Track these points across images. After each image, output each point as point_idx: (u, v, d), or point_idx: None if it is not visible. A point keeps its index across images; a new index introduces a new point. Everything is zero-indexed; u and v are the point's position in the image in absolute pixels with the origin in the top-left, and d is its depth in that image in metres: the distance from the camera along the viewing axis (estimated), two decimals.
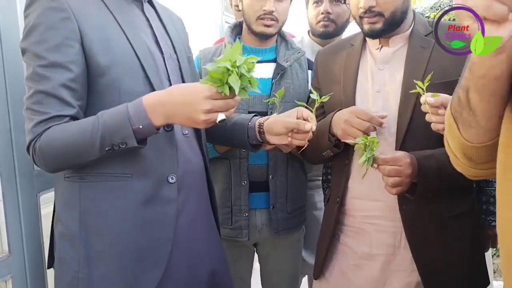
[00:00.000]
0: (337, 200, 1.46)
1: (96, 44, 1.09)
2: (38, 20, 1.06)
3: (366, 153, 1.24)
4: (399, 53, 1.40)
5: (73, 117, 1.08)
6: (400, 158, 1.25)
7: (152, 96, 1.07)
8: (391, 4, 1.31)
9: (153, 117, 1.05)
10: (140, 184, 1.14)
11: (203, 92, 1.02)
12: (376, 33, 1.36)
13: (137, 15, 1.22)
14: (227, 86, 1.00)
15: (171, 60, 1.27)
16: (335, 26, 2.02)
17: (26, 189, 1.33)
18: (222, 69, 0.99)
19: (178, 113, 1.05)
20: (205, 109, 1.02)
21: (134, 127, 1.04)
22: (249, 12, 1.66)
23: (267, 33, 1.67)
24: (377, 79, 1.40)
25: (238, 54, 1.00)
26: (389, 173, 1.24)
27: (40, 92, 1.06)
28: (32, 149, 1.08)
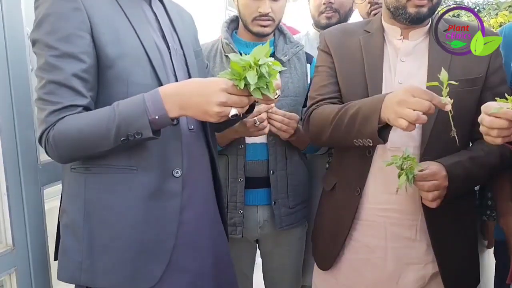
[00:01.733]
0: (357, 191, 1.41)
1: (105, 36, 1.10)
2: (49, 11, 1.07)
3: (405, 171, 1.20)
4: (420, 46, 1.39)
5: (86, 107, 1.09)
6: (437, 172, 1.23)
7: (169, 86, 1.08)
8: None
9: (168, 108, 1.05)
10: (145, 177, 1.15)
11: (220, 84, 1.03)
12: (422, 17, 1.35)
13: (145, 9, 1.23)
14: (244, 82, 1.00)
15: (177, 55, 1.27)
16: (339, 16, 2.00)
17: (30, 183, 1.33)
18: (244, 64, 1.00)
19: (193, 103, 1.05)
20: (219, 101, 1.02)
21: (150, 118, 1.04)
22: (244, 13, 1.66)
23: (264, 33, 1.67)
24: (399, 71, 1.39)
25: (263, 55, 1.01)
26: (429, 189, 1.23)
27: (53, 82, 1.06)
28: (45, 138, 1.08)
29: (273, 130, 1.61)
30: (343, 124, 1.30)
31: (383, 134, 1.24)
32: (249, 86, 1.00)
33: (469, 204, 1.44)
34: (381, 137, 1.23)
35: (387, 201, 1.38)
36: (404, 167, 1.21)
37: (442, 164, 1.26)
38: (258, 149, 1.70)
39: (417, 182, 1.23)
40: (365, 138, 1.26)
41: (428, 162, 1.27)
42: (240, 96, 1.04)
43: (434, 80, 1.28)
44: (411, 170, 1.20)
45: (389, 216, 1.39)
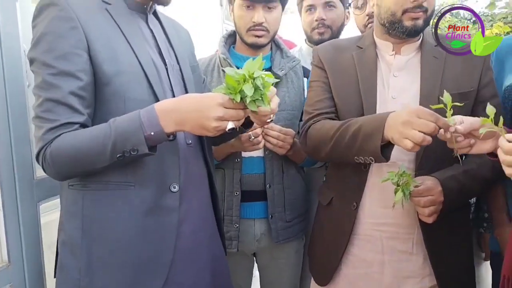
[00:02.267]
0: (353, 206, 1.41)
1: (102, 53, 1.11)
2: (46, 30, 1.08)
3: (402, 188, 1.21)
4: (412, 62, 1.41)
5: (83, 124, 1.09)
6: (432, 188, 1.24)
7: (165, 102, 1.09)
8: (434, 2, 1.35)
9: (164, 124, 1.06)
10: (142, 193, 1.15)
11: (216, 99, 1.04)
12: (418, 29, 1.36)
13: (141, 26, 1.24)
14: (239, 95, 1.01)
15: (174, 71, 1.28)
16: (331, 32, 2.02)
17: (26, 198, 1.33)
18: (239, 77, 1.01)
19: (190, 119, 1.06)
20: (216, 115, 1.03)
21: (146, 134, 1.05)
22: (239, 24, 1.67)
23: (259, 44, 1.68)
24: (392, 86, 1.40)
25: (257, 67, 1.02)
26: (425, 205, 1.24)
27: (50, 100, 1.07)
28: (42, 156, 1.09)
29: (269, 146, 1.62)
30: (344, 140, 1.31)
31: (385, 152, 1.25)
32: (245, 99, 1.01)
33: (464, 216, 1.44)
34: (383, 155, 1.24)
35: (384, 215, 1.38)
36: (400, 183, 1.21)
37: (437, 178, 1.27)
38: (255, 163, 1.71)
39: (413, 198, 1.23)
40: (367, 156, 1.27)
41: (423, 177, 1.27)
42: (237, 110, 1.05)
43: (427, 95, 1.30)
44: (407, 186, 1.21)
45: (386, 230, 1.39)
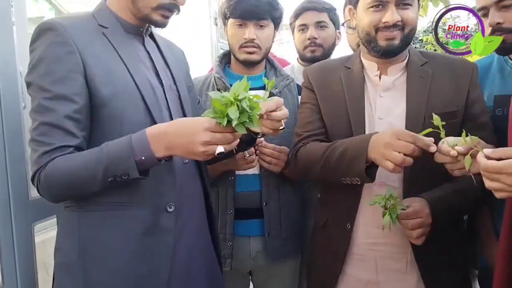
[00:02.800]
0: (348, 226, 1.42)
1: (98, 76, 1.13)
2: (44, 54, 1.10)
3: (389, 211, 1.22)
4: (398, 82, 1.41)
5: (78, 147, 1.11)
6: (420, 210, 1.24)
7: (156, 127, 1.10)
8: (413, 21, 1.35)
9: (155, 148, 1.07)
10: (138, 213, 1.16)
11: (203, 123, 1.04)
12: (393, 49, 1.37)
13: (138, 48, 1.26)
14: (226, 118, 1.02)
15: (171, 91, 1.30)
16: (323, 50, 2.08)
17: (21, 219, 1.33)
18: (225, 100, 1.02)
19: (178, 144, 1.07)
20: (203, 140, 1.04)
21: (136, 159, 1.06)
22: (232, 41, 1.71)
23: (251, 60, 1.70)
24: (379, 106, 1.41)
25: (243, 90, 1.03)
26: (413, 227, 1.24)
27: (45, 123, 1.08)
28: (37, 179, 1.10)
29: (264, 165, 1.63)
30: (331, 163, 1.32)
31: (371, 173, 1.27)
32: (232, 122, 1.01)
33: (457, 234, 1.44)
34: (369, 176, 1.26)
35: (377, 235, 1.38)
36: (388, 206, 1.23)
37: (425, 199, 1.27)
38: (250, 180, 1.71)
39: (401, 220, 1.24)
40: (353, 177, 1.30)
41: (411, 199, 1.28)
42: (224, 133, 1.05)
43: (413, 115, 1.32)
44: (394, 210, 1.22)
45: (379, 249, 1.40)
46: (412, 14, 1.34)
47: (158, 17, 1.21)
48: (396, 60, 1.41)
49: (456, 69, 1.38)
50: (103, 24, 1.20)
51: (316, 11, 2.07)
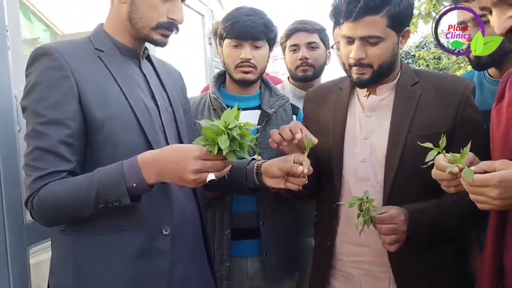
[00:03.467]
0: (327, 243, 1.46)
1: (93, 100, 1.13)
2: (39, 79, 1.11)
3: (363, 214, 1.24)
4: (386, 102, 1.42)
5: (71, 171, 1.11)
6: (395, 216, 1.25)
7: (147, 154, 1.10)
8: (380, 58, 1.33)
9: (146, 175, 1.07)
10: (133, 237, 1.15)
11: (194, 152, 1.05)
12: (364, 83, 1.39)
13: (134, 71, 1.27)
14: (217, 147, 1.02)
15: (167, 113, 1.30)
16: (314, 69, 2.11)
17: (15, 243, 1.32)
18: (215, 129, 1.02)
19: (169, 171, 1.07)
20: (194, 168, 1.04)
21: (128, 185, 1.06)
22: (228, 61, 1.72)
23: (246, 80, 1.72)
24: (364, 126, 1.42)
25: (233, 117, 1.03)
26: (386, 232, 1.25)
27: (39, 148, 1.09)
28: (30, 204, 1.10)
29: None
30: None
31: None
32: (222, 151, 1.02)
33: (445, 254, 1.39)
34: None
35: (359, 253, 1.41)
36: (363, 208, 1.24)
37: (404, 208, 1.28)
38: (247, 200, 1.70)
39: (376, 224, 1.25)
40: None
41: (389, 206, 1.29)
42: (215, 161, 1.06)
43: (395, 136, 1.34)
44: (367, 212, 1.23)
45: (363, 267, 1.42)
46: (380, 51, 1.32)
47: (158, 37, 1.23)
48: (386, 80, 1.42)
49: (447, 90, 1.38)
50: (99, 47, 1.21)
51: (307, 32, 2.11)
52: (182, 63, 2.39)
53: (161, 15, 1.20)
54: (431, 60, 12.66)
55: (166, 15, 1.20)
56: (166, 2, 1.19)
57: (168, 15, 1.20)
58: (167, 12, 1.20)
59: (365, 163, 1.40)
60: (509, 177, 0.96)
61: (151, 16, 1.19)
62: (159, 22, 1.20)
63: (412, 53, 13.13)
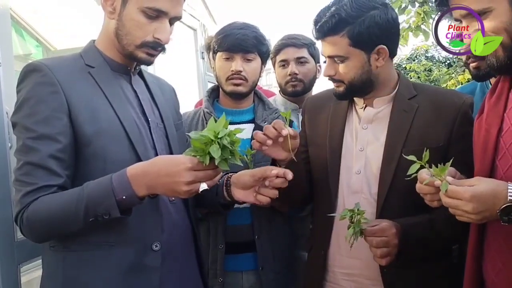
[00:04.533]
0: (320, 254, 1.45)
1: (82, 115, 1.13)
2: (29, 95, 1.11)
3: (354, 225, 1.23)
4: (382, 114, 1.42)
5: (61, 186, 1.10)
6: (386, 229, 1.25)
7: (136, 166, 1.09)
8: (347, 75, 1.37)
9: (136, 188, 1.06)
10: (123, 252, 1.14)
11: (185, 163, 1.04)
12: (340, 96, 1.43)
13: (124, 87, 1.26)
14: (208, 156, 1.02)
15: (158, 128, 1.30)
16: (303, 84, 2.12)
17: (7, 261, 1.31)
18: (205, 139, 1.02)
19: (160, 183, 1.06)
20: (186, 180, 1.04)
21: (117, 198, 1.05)
22: (220, 74, 1.74)
23: (237, 92, 1.72)
24: (360, 138, 1.43)
25: (222, 126, 1.03)
26: (377, 245, 1.25)
27: (29, 163, 1.08)
28: (20, 219, 1.09)
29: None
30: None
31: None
32: (214, 160, 1.02)
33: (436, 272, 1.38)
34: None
35: (351, 265, 1.40)
36: (354, 220, 1.24)
37: (396, 222, 1.27)
38: (241, 213, 1.69)
39: (366, 237, 1.25)
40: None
41: (381, 220, 1.29)
42: (207, 171, 1.06)
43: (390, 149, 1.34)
44: (358, 224, 1.23)
45: (354, 280, 1.41)
46: (346, 69, 1.36)
47: (142, 55, 1.22)
48: (382, 93, 1.43)
49: (444, 105, 1.38)
50: (90, 63, 1.21)
51: (295, 47, 2.11)
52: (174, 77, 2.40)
53: (147, 33, 1.19)
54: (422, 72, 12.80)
55: (152, 34, 1.19)
56: (153, 22, 1.19)
57: (154, 34, 1.20)
58: (154, 32, 1.19)
59: (359, 175, 1.40)
60: (480, 192, 0.99)
61: (136, 34, 1.19)
62: (144, 40, 1.20)
63: (403, 65, 13.26)
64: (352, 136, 1.45)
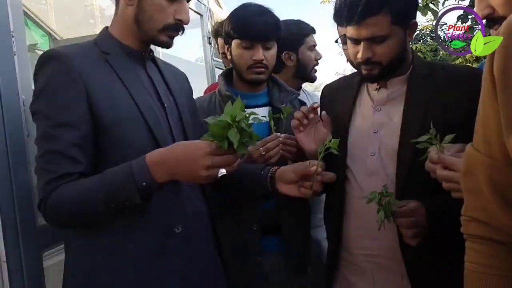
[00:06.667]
0: (339, 237, 1.47)
1: (102, 103, 1.14)
2: (47, 83, 1.12)
3: (383, 207, 1.22)
4: (397, 95, 1.40)
5: (82, 173, 1.11)
6: (416, 209, 1.24)
7: (155, 153, 1.10)
8: (387, 55, 1.32)
9: (156, 175, 1.07)
10: (147, 236, 1.16)
11: (204, 148, 1.05)
12: (374, 78, 1.39)
13: (140, 73, 1.27)
14: (227, 141, 1.02)
15: (174, 114, 1.31)
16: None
17: (29, 247, 1.33)
18: (223, 124, 1.02)
19: (180, 170, 1.08)
20: (206, 165, 1.05)
21: (137, 185, 1.06)
22: (239, 63, 1.71)
23: (259, 80, 1.71)
24: (374, 120, 1.42)
25: (238, 110, 1.03)
26: (409, 226, 1.23)
27: (50, 151, 1.09)
28: (43, 207, 1.11)
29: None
30: None
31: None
32: (233, 145, 1.02)
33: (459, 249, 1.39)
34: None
35: (371, 247, 1.40)
36: (383, 203, 1.23)
37: (422, 201, 1.26)
38: None
39: (397, 218, 1.24)
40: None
41: (408, 200, 1.27)
42: (226, 156, 1.06)
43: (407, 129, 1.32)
44: (388, 206, 1.22)
45: (375, 261, 1.41)
46: (387, 48, 1.31)
47: (164, 38, 1.23)
48: (398, 72, 1.40)
49: (461, 81, 1.34)
50: (106, 50, 1.22)
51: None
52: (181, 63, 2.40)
53: (168, 16, 1.20)
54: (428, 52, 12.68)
55: (173, 17, 1.20)
56: (172, 3, 1.20)
57: (175, 16, 1.21)
58: (174, 14, 1.20)
59: (374, 157, 1.39)
60: None
61: (158, 18, 1.20)
62: (166, 23, 1.21)
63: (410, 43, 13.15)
64: (364, 118, 1.44)
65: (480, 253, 0.82)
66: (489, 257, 0.80)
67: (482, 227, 0.81)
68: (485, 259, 0.81)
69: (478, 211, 0.81)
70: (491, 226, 0.79)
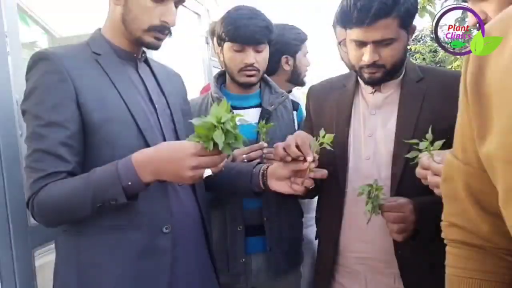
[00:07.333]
0: (332, 240, 1.46)
1: (91, 103, 1.15)
2: (37, 83, 1.13)
3: (371, 200, 1.24)
4: (391, 99, 1.41)
5: (70, 172, 1.13)
6: (404, 204, 1.25)
7: (141, 153, 1.12)
8: (393, 58, 1.33)
9: (141, 174, 1.09)
10: (135, 235, 1.17)
11: (189, 149, 1.06)
12: (376, 81, 1.39)
13: (131, 74, 1.28)
14: (212, 142, 1.04)
15: (165, 115, 1.31)
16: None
17: (20, 245, 1.34)
18: (208, 125, 1.03)
19: (165, 170, 1.09)
20: (191, 165, 1.06)
21: (123, 185, 1.07)
22: (231, 65, 1.72)
23: (250, 83, 1.72)
24: (369, 124, 1.42)
25: (224, 111, 1.04)
26: (395, 220, 1.24)
27: (38, 150, 1.11)
28: (31, 205, 1.12)
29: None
30: None
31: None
32: (218, 145, 1.03)
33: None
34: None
35: (364, 249, 1.41)
36: (372, 195, 1.25)
37: (412, 199, 1.27)
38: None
39: (384, 212, 1.25)
40: None
41: (398, 197, 1.29)
42: (211, 157, 1.07)
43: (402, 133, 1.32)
44: (376, 199, 1.24)
45: (368, 264, 1.41)
46: (392, 51, 1.32)
47: (150, 39, 1.24)
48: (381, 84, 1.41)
49: (452, 85, 1.32)
50: (97, 51, 1.23)
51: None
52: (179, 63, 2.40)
53: (153, 17, 1.21)
54: (428, 53, 12.66)
55: (158, 18, 1.21)
56: (159, 5, 1.20)
57: (161, 18, 1.21)
58: (160, 15, 1.21)
59: (369, 161, 1.39)
60: None
61: (143, 18, 1.20)
62: (151, 24, 1.21)
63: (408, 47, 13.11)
64: (360, 123, 1.44)
65: (458, 257, 0.83)
66: (467, 261, 0.81)
67: (460, 231, 0.82)
68: (463, 263, 0.82)
69: (457, 216, 0.83)
70: (468, 231, 0.81)
